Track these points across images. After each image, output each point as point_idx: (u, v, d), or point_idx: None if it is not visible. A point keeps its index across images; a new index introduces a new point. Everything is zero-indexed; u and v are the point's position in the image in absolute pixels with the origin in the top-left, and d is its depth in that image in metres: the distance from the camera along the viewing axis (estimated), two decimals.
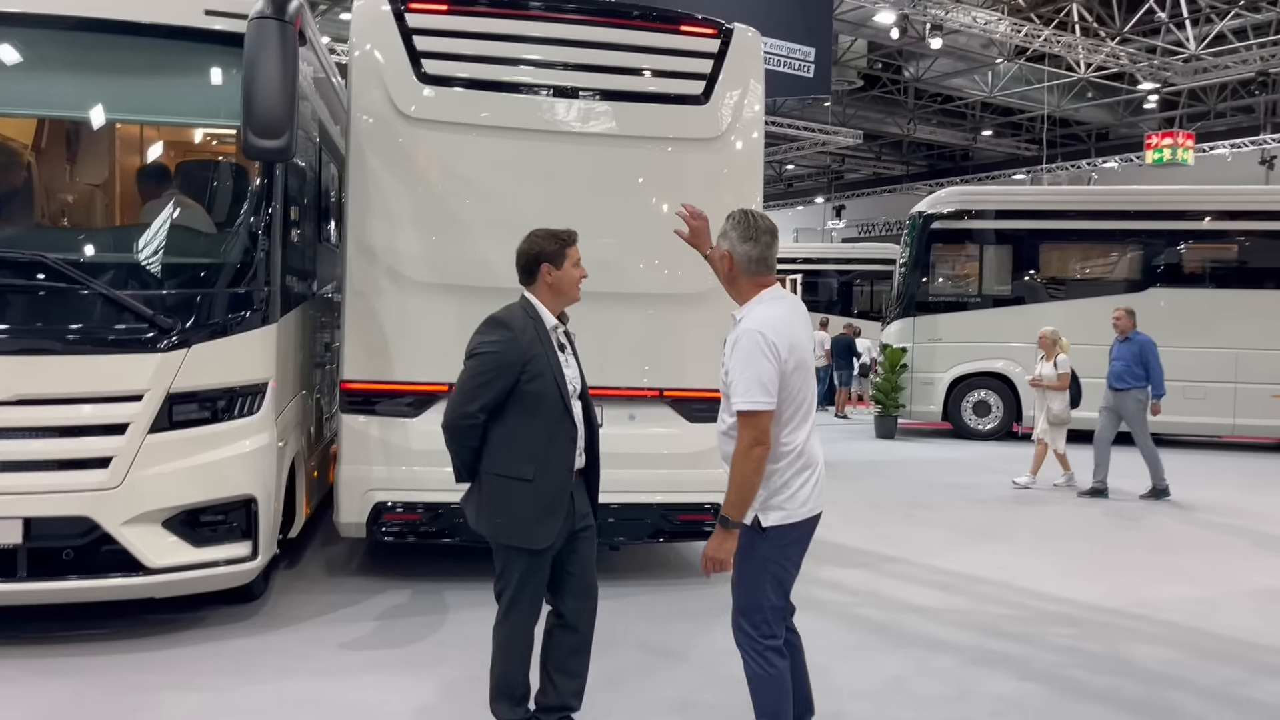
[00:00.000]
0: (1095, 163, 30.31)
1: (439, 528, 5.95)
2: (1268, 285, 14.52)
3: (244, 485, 5.03)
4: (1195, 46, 22.56)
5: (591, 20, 6.05)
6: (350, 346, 5.90)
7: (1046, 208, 15.62)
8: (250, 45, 4.66)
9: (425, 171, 5.90)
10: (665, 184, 6.12)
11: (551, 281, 3.76)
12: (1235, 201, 15.25)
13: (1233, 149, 27.08)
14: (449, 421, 3.63)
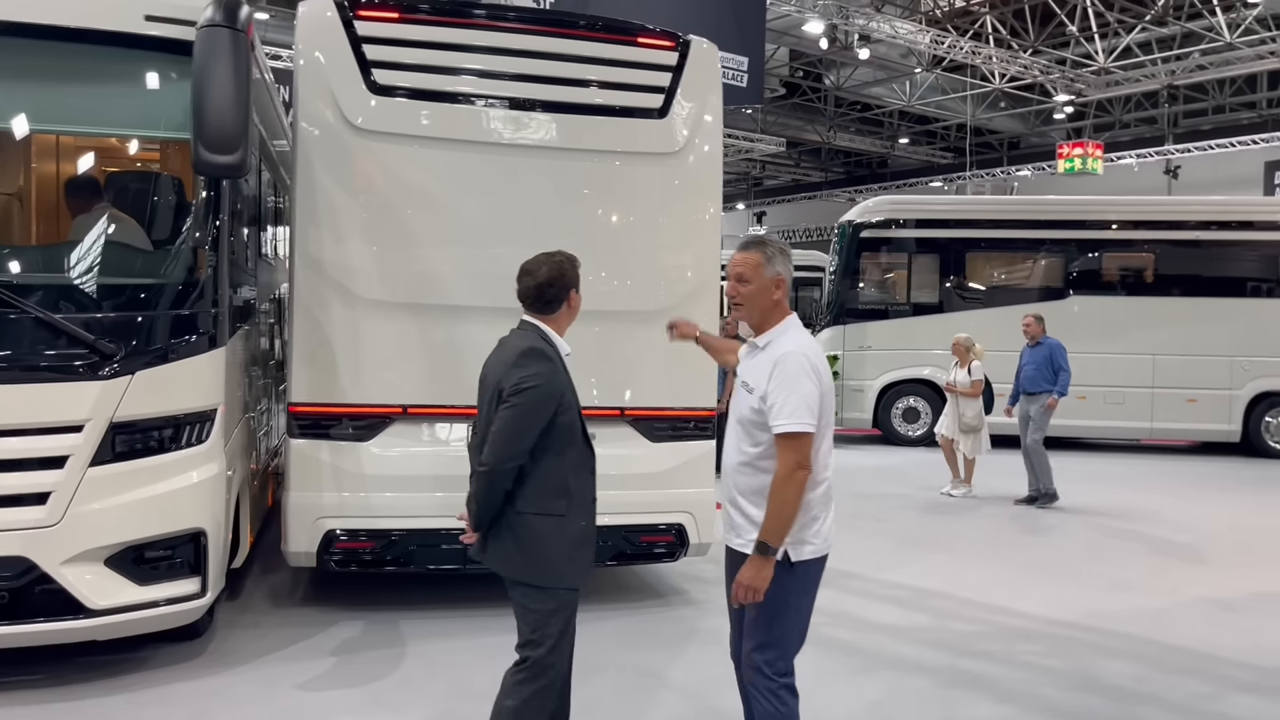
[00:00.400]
0: (1010, 171, 31.10)
1: (393, 556, 5.73)
2: (1182, 293, 14.99)
3: (192, 518, 4.75)
4: (1104, 59, 23.28)
5: (548, 31, 5.90)
6: (298, 367, 5.64)
7: (972, 216, 15.88)
8: (200, 55, 4.40)
9: (376, 185, 5.67)
10: (624, 199, 5.99)
11: (573, 308, 3.71)
12: (1152, 211, 15.72)
13: (1139, 159, 28.01)
14: (494, 466, 3.37)
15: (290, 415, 5.68)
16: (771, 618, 3.28)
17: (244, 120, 4.43)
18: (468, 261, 5.76)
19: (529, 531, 3.44)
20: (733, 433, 3.44)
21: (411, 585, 6.39)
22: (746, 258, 3.44)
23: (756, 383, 3.31)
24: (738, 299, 3.48)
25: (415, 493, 5.70)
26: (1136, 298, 15.19)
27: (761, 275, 3.41)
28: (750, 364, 3.42)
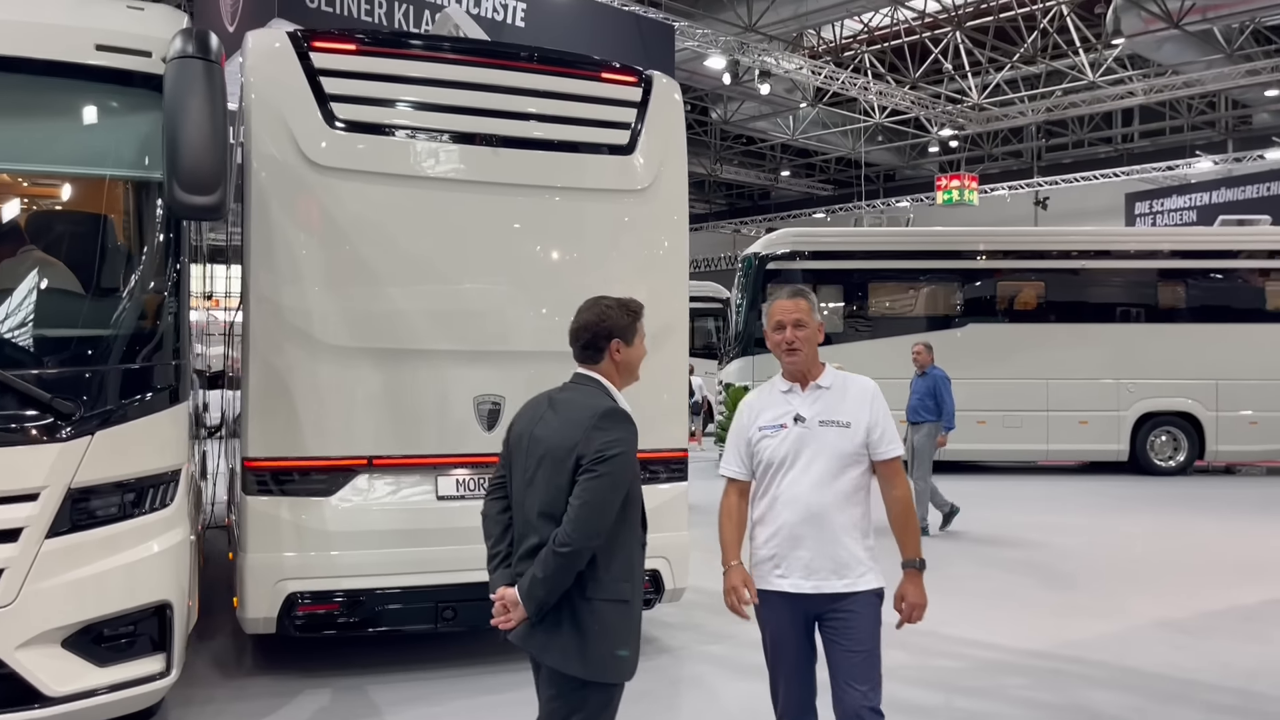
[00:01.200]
0: (889, 202, 32.09)
1: (361, 617, 5.38)
2: (1071, 319, 15.66)
3: (157, 590, 4.34)
4: (977, 96, 24.33)
5: (511, 65, 5.71)
6: (255, 419, 5.26)
7: (873, 248, 16.26)
8: (173, 89, 4.07)
9: (336, 223, 5.36)
10: (596, 237, 5.82)
11: (620, 360, 3.26)
12: (1042, 241, 16.45)
13: (1011, 190, 29.29)
14: (579, 545, 2.92)
15: (246, 470, 5.29)
16: (877, 655, 3.33)
17: (222, 158, 4.12)
18: (434, 304, 5.50)
19: (599, 623, 2.98)
20: (820, 475, 3.37)
21: (373, 646, 6.02)
22: (800, 304, 3.48)
23: (851, 416, 3.41)
24: (795, 344, 3.43)
25: (383, 548, 5.38)
26: (1030, 324, 15.80)
27: (813, 319, 3.49)
28: (825, 404, 3.44)
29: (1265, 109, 27.37)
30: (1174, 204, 24.94)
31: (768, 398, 3.57)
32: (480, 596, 5.44)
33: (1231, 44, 22.04)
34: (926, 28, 22.92)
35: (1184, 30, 19.56)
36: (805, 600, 3.38)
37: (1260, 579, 8.10)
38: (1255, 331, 15.52)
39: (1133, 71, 23.84)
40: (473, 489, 5.57)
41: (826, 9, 19.87)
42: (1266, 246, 15.94)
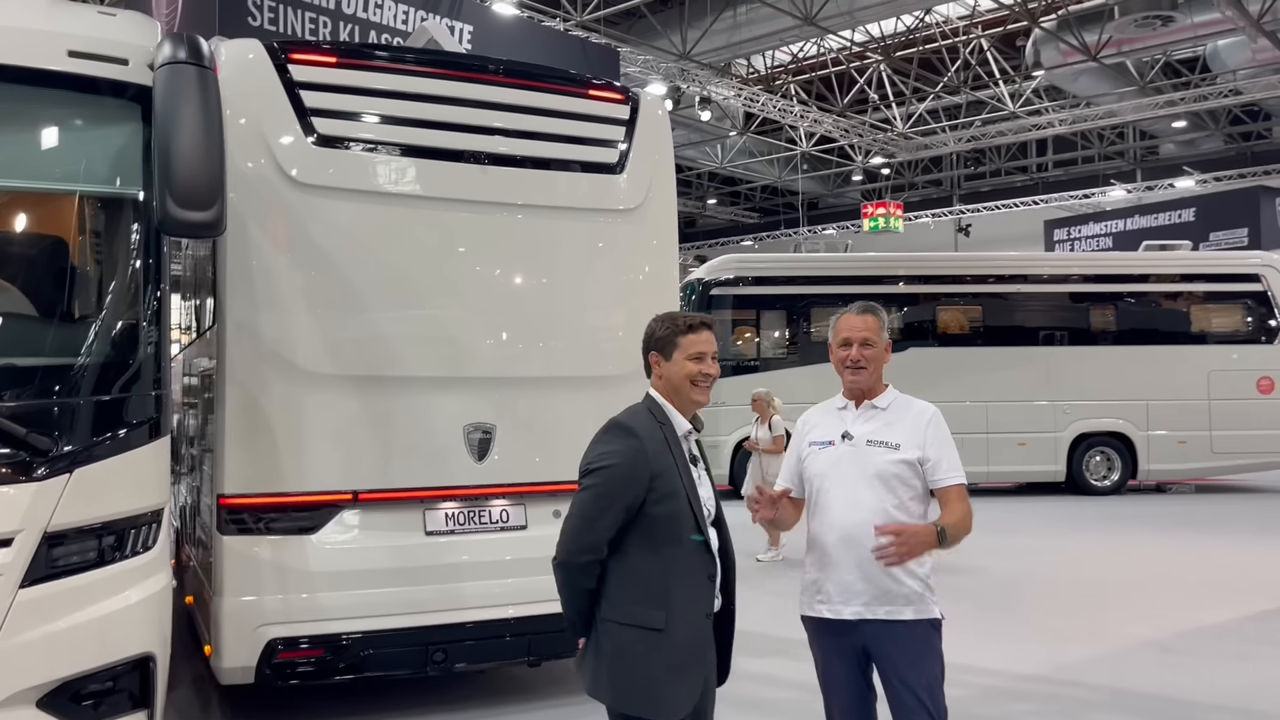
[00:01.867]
0: (815, 230, 32.50)
1: (345, 663, 5.04)
2: (1010, 342, 15.94)
3: (139, 642, 3.97)
4: (902, 125, 24.82)
5: (498, 80, 5.49)
6: (232, 453, 4.92)
7: (815, 274, 16.36)
8: (165, 98, 3.77)
9: (319, 245, 5.07)
10: (588, 257, 5.63)
11: (661, 375, 3.10)
12: (983, 266, 16.74)
13: (935, 217, 29.91)
14: (563, 558, 2.93)
15: (221, 509, 4.93)
16: (940, 683, 3.18)
17: (220, 171, 3.82)
18: (421, 328, 5.24)
19: (613, 644, 2.90)
20: (860, 493, 3.23)
21: (352, 693, 5.68)
22: (869, 321, 3.37)
23: (902, 439, 3.28)
24: (861, 363, 3.31)
25: (369, 589, 5.07)
26: (969, 348, 16.02)
27: (881, 338, 3.38)
28: (877, 424, 3.34)
29: (1171, 140, 28.51)
30: (1090, 230, 25.73)
31: (823, 414, 3.48)
32: (472, 636, 5.26)
33: (1144, 77, 22.90)
34: (855, 57, 23.33)
35: (1101, 63, 20.24)
36: (847, 628, 3.22)
37: (1223, 596, 8.21)
38: (1182, 353, 15.97)
39: (1049, 103, 24.59)
40: (462, 523, 5.30)
41: (759, 38, 20.04)
42: (1189, 271, 16.48)
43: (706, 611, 2.98)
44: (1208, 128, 27.15)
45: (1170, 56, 22.49)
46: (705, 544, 2.98)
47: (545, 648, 5.46)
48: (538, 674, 6.11)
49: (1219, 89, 22.11)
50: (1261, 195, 23.21)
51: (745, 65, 24.02)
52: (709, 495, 3.08)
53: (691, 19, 19.72)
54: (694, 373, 3.04)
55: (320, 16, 10.84)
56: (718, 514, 3.09)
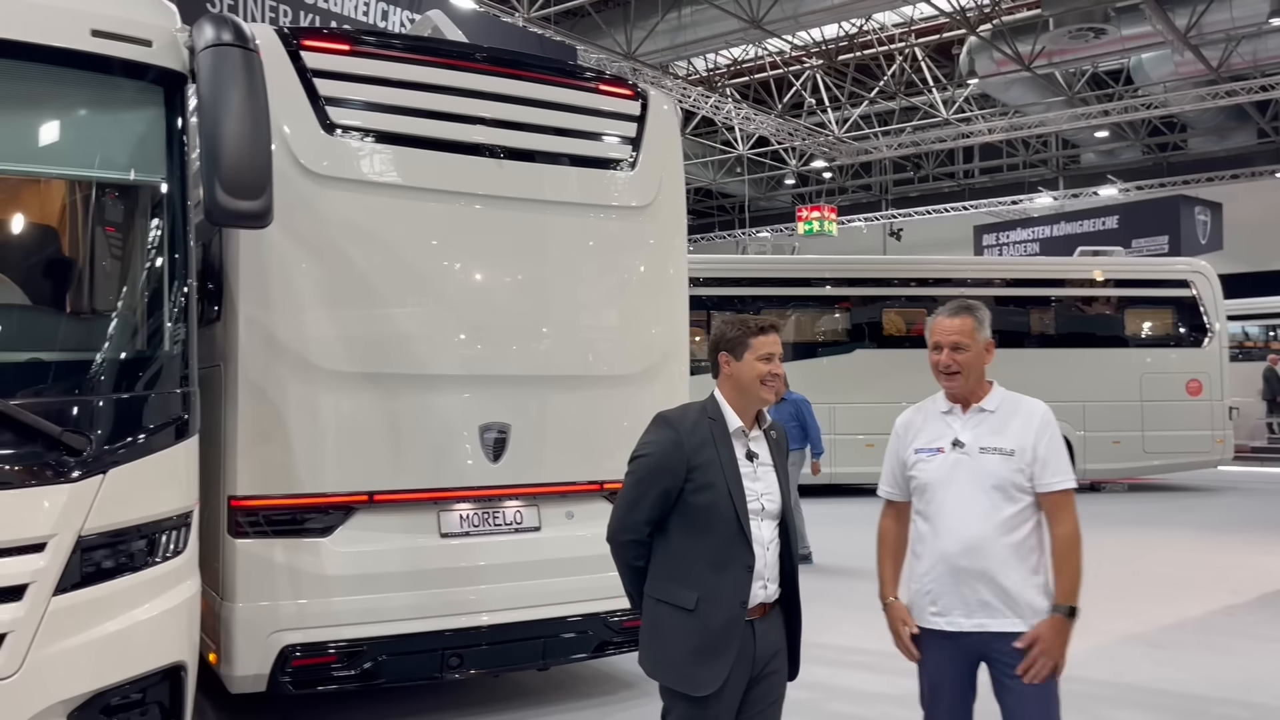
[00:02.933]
0: (749, 232, 32.75)
1: (359, 669, 4.88)
2: None
3: (171, 651, 3.79)
4: (838, 129, 25.19)
5: (513, 73, 5.39)
6: (244, 453, 4.73)
7: (765, 275, 16.49)
8: (211, 82, 3.61)
9: (335, 238, 4.92)
10: (602, 255, 5.55)
11: (729, 374, 3.20)
12: (928, 270, 17.04)
13: (867, 222, 30.39)
14: (608, 535, 3.22)
15: (233, 510, 4.74)
16: (1053, 702, 3.11)
17: (268, 158, 3.68)
18: (439, 325, 5.11)
19: (650, 618, 3.14)
20: (978, 505, 3.16)
21: (361, 700, 5.52)
22: (960, 323, 3.27)
23: (1015, 443, 3.17)
24: (953, 368, 3.24)
25: (383, 593, 4.93)
26: (915, 350, 16.27)
27: (976, 341, 3.28)
28: (987, 428, 3.23)
29: (1093, 149, 29.45)
30: (1018, 236, 26.41)
31: (925, 417, 3.38)
32: (487, 641, 5.15)
33: (1071, 88, 23.60)
34: (793, 61, 23.59)
35: (1033, 73, 20.79)
36: (966, 639, 3.18)
37: (1189, 592, 8.47)
38: (1116, 356, 16.49)
39: (980, 111, 25.19)
40: (477, 525, 5.19)
41: (703, 40, 20.12)
42: (1122, 277, 17.02)
43: (741, 600, 3.04)
44: (1128, 138, 28.11)
45: (1097, 68, 23.20)
46: (744, 536, 3.05)
47: (559, 651, 5.40)
48: (545, 678, 6.02)
49: (1143, 100, 22.87)
50: (1181, 204, 24.10)
51: (685, 66, 24.11)
52: (765, 490, 3.15)
53: (636, 19, 19.70)
54: (764, 373, 3.16)
55: (280, 5, 10.57)
56: (782, 509, 3.18)
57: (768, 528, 3.13)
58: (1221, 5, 17.71)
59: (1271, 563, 9.91)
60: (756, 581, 3.06)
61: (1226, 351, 17.24)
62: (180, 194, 3.96)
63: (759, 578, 3.07)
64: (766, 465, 3.19)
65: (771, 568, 3.13)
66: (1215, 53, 19.92)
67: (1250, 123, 26.77)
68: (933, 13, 20.80)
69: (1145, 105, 22.89)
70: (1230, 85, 21.56)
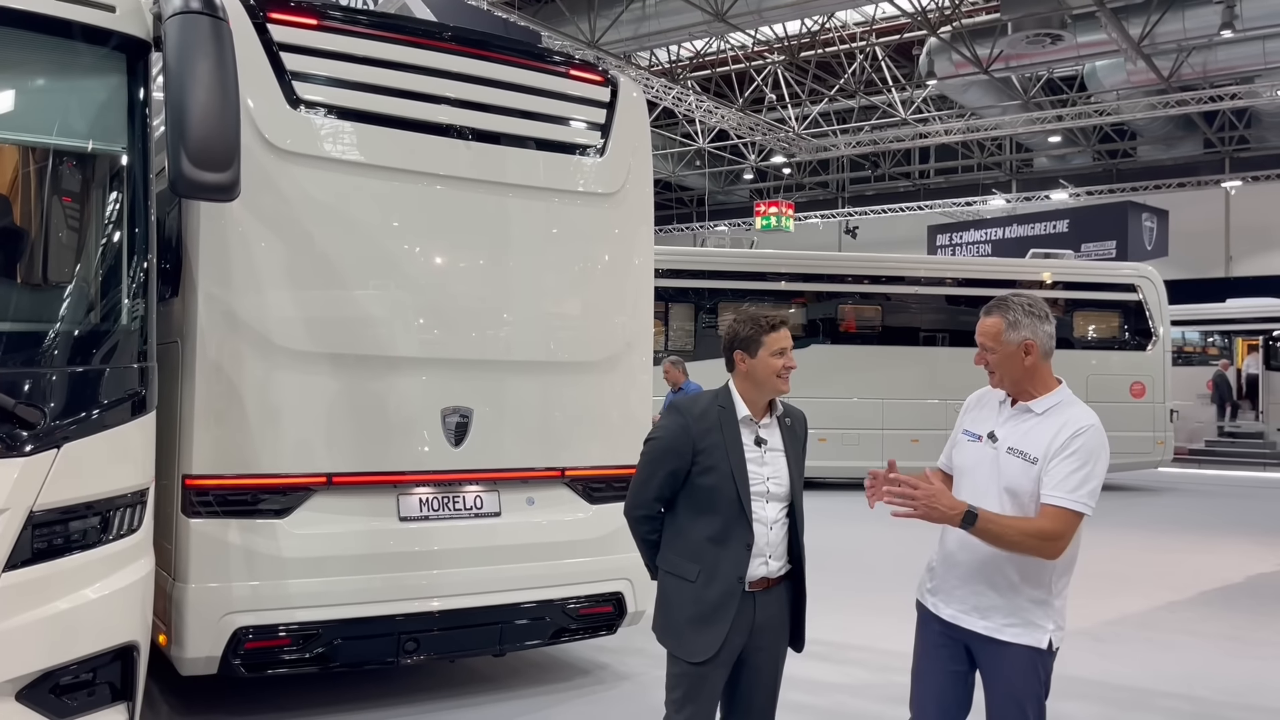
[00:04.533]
0: (707, 226, 32.82)
1: (313, 653, 4.82)
2: (907, 342, 16.46)
3: (123, 630, 3.72)
4: (798, 126, 25.32)
5: (484, 54, 5.34)
6: (200, 432, 4.64)
7: (724, 268, 16.54)
8: (178, 51, 3.52)
9: (299, 215, 4.83)
10: (568, 241, 5.52)
11: (745, 370, 3.35)
12: (882, 267, 17.19)
13: (823, 219, 30.59)
14: (625, 509, 3.47)
15: (187, 490, 4.65)
16: (1034, 713, 3.06)
17: (236, 130, 3.60)
18: (401, 306, 5.05)
19: (661, 588, 3.41)
20: (988, 504, 3.05)
21: (315, 684, 5.45)
22: (987, 324, 3.19)
23: (1039, 451, 3.02)
24: (988, 367, 3.21)
25: (340, 576, 4.87)
26: (868, 346, 16.48)
27: (1003, 342, 3.14)
28: (1023, 430, 3.11)
29: (1046, 154, 29.92)
30: (971, 237, 26.74)
31: (985, 401, 3.31)
32: (444, 625, 5.11)
33: (1027, 92, 23.94)
34: (755, 55, 23.66)
35: (991, 76, 21.06)
36: (949, 626, 3.17)
37: (1131, 589, 8.66)
38: (1064, 356, 16.70)
39: (938, 112, 25.47)
40: (436, 509, 5.15)
41: (667, 31, 20.10)
42: (1072, 279, 17.32)
43: (739, 574, 3.23)
44: (1080, 144, 28.59)
45: (1053, 73, 23.56)
46: (744, 515, 3.23)
47: (515, 637, 5.38)
48: (500, 664, 5.99)
49: (1096, 107, 23.27)
50: (1130, 210, 24.56)
51: (648, 57, 24.08)
52: (773, 474, 3.31)
53: (601, 7, 19.63)
54: (778, 367, 3.30)
55: None
56: (790, 491, 3.34)
57: (773, 509, 3.30)
58: (1174, 16, 18.08)
59: (1209, 561, 10.16)
60: (757, 558, 3.26)
61: (1169, 355, 17.65)
62: (142, 165, 3.88)
63: (759, 555, 3.26)
64: (777, 451, 3.35)
65: (775, 545, 3.31)
66: (1166, 63, 20.32)
67: (1197, 133, 27.38)
68: (894, 12, 20.97)
69: (1097, 112, 23.31)
70: (1180, 95, 22.02)
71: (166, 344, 4.73)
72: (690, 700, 3.26)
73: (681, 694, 3.27)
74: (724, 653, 3.23)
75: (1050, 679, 3.13)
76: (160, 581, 4.90)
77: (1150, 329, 17.18)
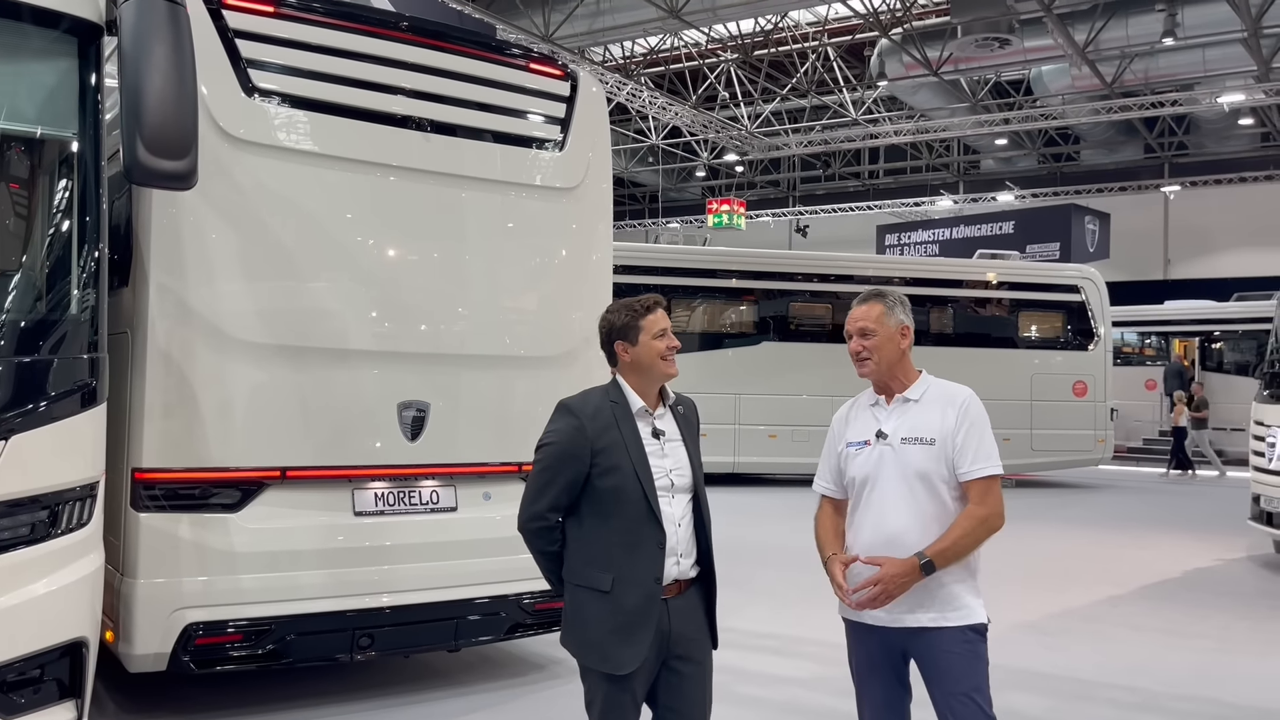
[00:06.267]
0: (659, 222, 32.87)
1: (266, 649, 4.76)
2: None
3: (71, 626, 3.65)
4: (750, 124, 25.44)
5: (443, 46, 5.30)
6: (150, 424, 4.56)
7: (677, 265, 16.58)
8: (134, 36, 3.46)
9: (254, 205, 4.76)
10: (526, 235, 5.50)
11: (630, 361, 3.20)
12: (834, 266, 17.34)
13: (774, 217, 30.78)
14: (519, 524, 3.20)
15: (136, 483, 4.57)
16: (986, 690, 3.08)
17: (194, 117, 3.54)
18: (357, 299, 5.00)
19: (572, 602, 3.17)
20: (900, 497, 3.12)
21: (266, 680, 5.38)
22: (868, 309, 3.26)
23: (936, 432, 3.12)
24: (863, 353, 3.25)
25: (294, 571, 4.82)
26: (817, 344, 16.61)
27: (885, 325, 3.24)
28: (909, 419, 3.18)
29: (992, 156, 30.39)
30: (919, 237, 27.07)
31: (856, 410, 3.36)
32: (399, 621, 5.07)
33: (975, 95, 24.30)
34: (709, 53, 23.72)
35: (940, 78, 21.33)
36: (887, 634, 3.16)
37: (1074, 583, 8.84)
38: (1008, 356, 17.08)
39: (888, 113, 25.75)
40: (392, 504, 5.11)
41: (621, 27, 20.09)
42: (1017, 280, 17.63)
43: (656, 576, 3.07)
44: (1026, 147, 29.08)
45: (1000, 77, 23.93)
46: (653, 514, 3.07)
47: (470, 633, 5.36)
48: (455, 659, 5.96)
49: (1042, 110, 23.68)
50: (1073, 213, 25.03)
51: (601, 52, 24.05)
52: (675, 467, 3.17)
53: (555, 2, 19.56)
54: (662, 349, 3.19)
55: None
56: (694, 483, 3.21)
57: (679, 503, 3.15)
58: (1118, 23, 18.45)
59: (1149, 557, 10.41)
60: (670, 558, 3.09)
61: (1110, 355, 18.04)
62: (93, 151, 3.80)
63: (672, 554, 3.10)
64: (675, 441, 3.22)
65: (685, 543, 3.16)
66: (1110, 69, 20.73)
67: (1138, 138, 27.99)
68: (847, 13, 21.16)
69: (1043, 115, 23.72)
70: (1122, 101, 22.49)
71: (116, 334, 4.64)
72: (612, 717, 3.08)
73: (599, 710, 3.09)
74: (647, 662, 3.05)
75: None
76: (107, 577, 4.79)
77: (1092, 329, 17.54)
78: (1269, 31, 18.27)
